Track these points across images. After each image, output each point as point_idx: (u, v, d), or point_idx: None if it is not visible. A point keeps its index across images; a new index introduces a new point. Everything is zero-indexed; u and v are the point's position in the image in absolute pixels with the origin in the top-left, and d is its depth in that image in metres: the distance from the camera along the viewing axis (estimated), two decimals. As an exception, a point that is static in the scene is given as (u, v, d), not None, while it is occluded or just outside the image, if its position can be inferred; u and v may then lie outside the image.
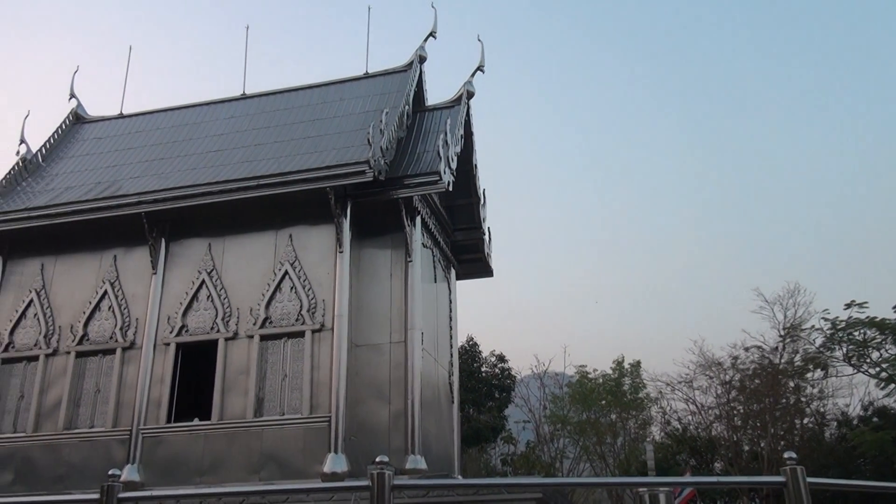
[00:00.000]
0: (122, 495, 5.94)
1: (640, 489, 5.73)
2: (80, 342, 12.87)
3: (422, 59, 15.31)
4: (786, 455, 4.94)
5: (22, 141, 15.83)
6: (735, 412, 27.44)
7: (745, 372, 26.90)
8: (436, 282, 14.32)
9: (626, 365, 31.05)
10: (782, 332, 26.50)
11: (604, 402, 30.59)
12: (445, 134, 12.90)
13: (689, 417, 29.19)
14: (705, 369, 27.76)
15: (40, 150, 16.06)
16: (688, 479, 6.57)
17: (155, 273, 12.86)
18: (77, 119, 17.37)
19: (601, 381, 31.15)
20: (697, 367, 27.93)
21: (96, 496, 6.10)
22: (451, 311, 15.20)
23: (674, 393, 29.04)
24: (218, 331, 12.25)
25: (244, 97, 16.31)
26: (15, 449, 12.44)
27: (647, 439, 28.96)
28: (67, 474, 12.01)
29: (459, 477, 14.15)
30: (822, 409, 26.69)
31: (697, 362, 27.98)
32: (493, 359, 31.64)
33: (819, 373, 25.47)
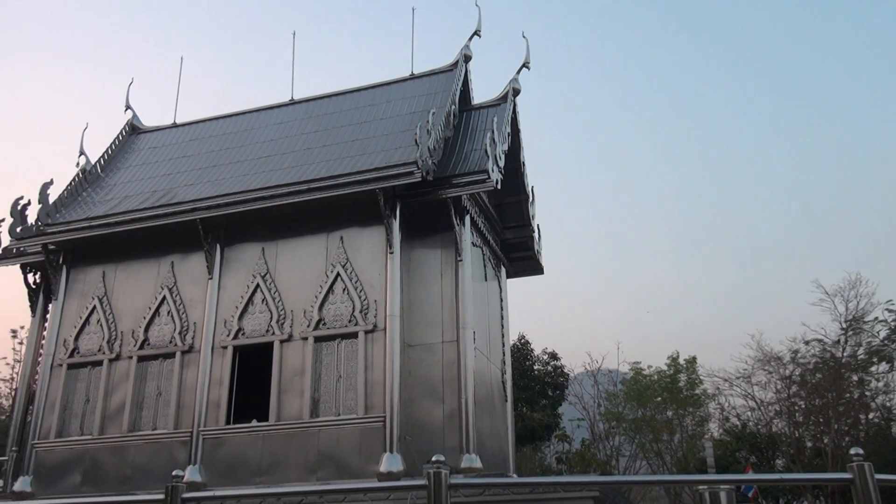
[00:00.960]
0: (185, 495, 6.08)
1: (701, 487, 5.64)
2: (141, 347, 13.22)
3: (467, 58, 15.30)
4: (852, 451, 4.81)
5: (81, 153, 16.32)
6: (796, 408, 26.77)
7: (805, 366, 26.23)
8: (486, 280, 14.31)
9: (681, 361, 30.55)
10: (844, 325, 25.77)
11: (659, 398, 30.16)
12: (492, 132, 12.87)
13: (749, 413, 28.61)
14: (764, 364, 27.16)
15: (99, 160, 16.53)
16: (750, 476, 6.44)
17: (211, 278, 13.13)
18: (133, 130, 17.83)
19: (656, 377, 30.72)
20: (755, 361, 27.36)
21: (161, 496, 6.27)
22: (502, 310, 15.17)
23: (732, 389, 28.51)
24: (273, 333, 12.45)
25: (292, 102, 16.53)
26: (83, 451, 12.84)
27: (706, 436, 28.47)
28: (132, 475, 12.34)
29: (514, 475, 14.11)
30: (888, 404, 25.86)
31: (755, 357, 27.41)
32: (546, 356, 31.47)
33: (884, 366, 24.69)
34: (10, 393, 28.41)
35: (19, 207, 14.42)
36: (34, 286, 15.23)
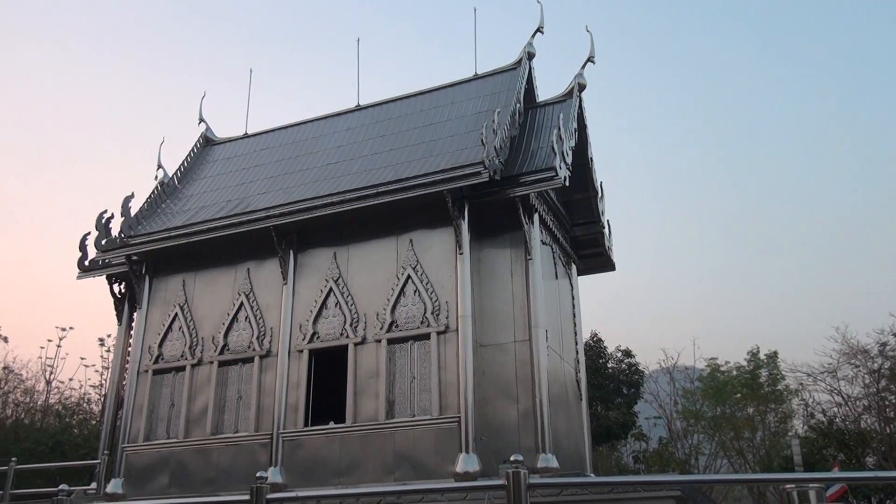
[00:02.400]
0: (270, 496, 6.23)
1: (788, 486, 5.46)
2: (221, 352, 13.61)
3: (530, 56, 15.21)
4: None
5: (159, 166, 16.93)
6: (887, 403, 25.62)
7: (895, 359, 25.08)
8: (557, 278, 14.19)
9: (761, 356, 29.60)
10: (937, 314, 24.50)
11: (739, 395, 29.27)
12: (559, 129, 12.75)
13: (835, 409, 27.50)
14: (850, 357, 26.09)
15: (175, 173, 17.11)
16: (839, 473, 6.20)
17: (285, 283, 13.41)
18: (206, 142, 18.39)
19: (735, 373, 29.83)
20: (841, 355, 26.30)
21: (246, 497, 6.44)
22: (573, 308, 15.02)
23: (816, 384, 27.46)
24: (347, 336, 12.63)
25: (359, 108, 16.75)
26: (169, 453, 13.30)
27: (789, 433, 27.52)
28: (216, 476, 12.71)
29: (591, 475, 13.94)
30: None
31: (841, 350, 26.35)
32: (619, 354, 30.97)
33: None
34: (99, 399, 29.66)
35: (103, 221, 15.06)
36: (119, 296, 15.87)
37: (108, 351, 29.80)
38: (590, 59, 14.87)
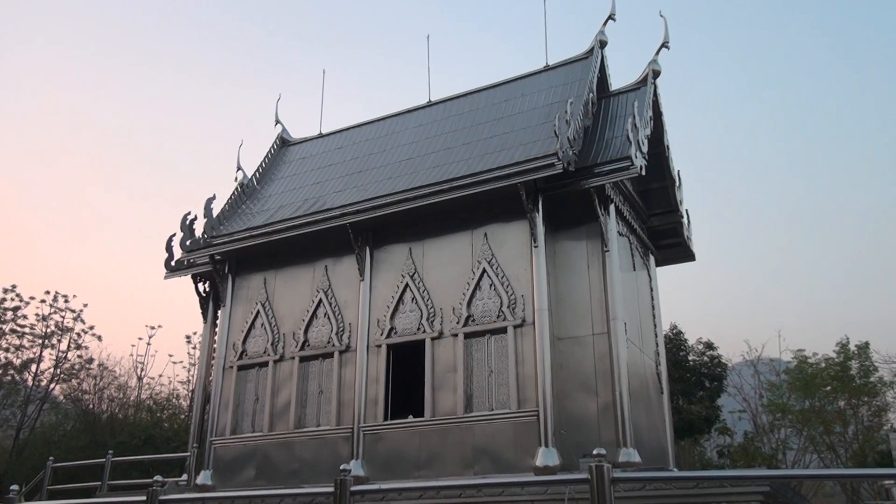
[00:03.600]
0: (353, 488, 6.35)
1: (886, 482, 5.23)
2: (302, 348, 13.91)
3: (602, 44, 14.96)
4: None
5: (238, 168, 17.43)
6: None
7: None
8: (634, 270, 13.94)
9: (851, 347, 28.39)
10: None
11: (828, 388, 28.15)
12: (633, 117, 12.51)
13: (935, 402, 26.14)
14: (950, 347, 24.71)
15: (254, 174, 17.57)
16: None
17: (362, 279, 13.60)
18: (283, 143, 18.82)
19: (823, 365, 28.70)
20: (940, 345, 24.94)
21: (331, 489, 6.57)
22: (652, 300, 14.73)
23: (913, 375, 26.15)
24: (424, 331, 12.72)
25: (430, 104, 16.83)
26: (255, 447, 13.69)
27: (885, 427, 26.31)
28: (300, 469, 13.02)
29: (674, 470, 13.66)
30: None
31: (939, 340, 25.00)
32: (701, 346, 30.20)
33: None
34: (187, 394, 30.79)
35: (188, 222, 15.59)
36: (204, 294, 16.42)
37: (195, 348, 30.93)
38: (664, 45, 14.52)
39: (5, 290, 28.30)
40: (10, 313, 28.11)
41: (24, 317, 28.53)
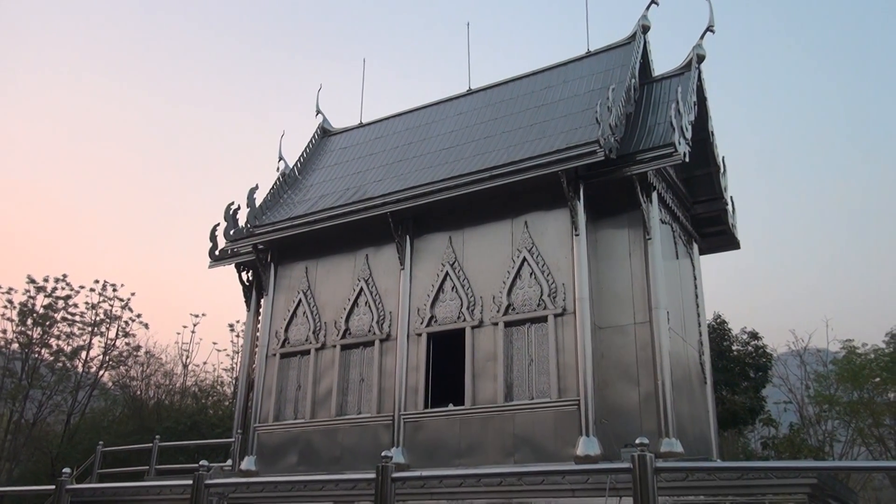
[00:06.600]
0: (395, 475, 6.39)
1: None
2: (343, 336, 14.03)
3: (645, 29, 14.73)
4: None
5: (280, 158, 17.60)
6: None
7: None
8: (677, 258, 13.75)
9: (902, 337, 27.63)
10: None
11: (878, 379, 27.47)
12: (677, 103, 12.30)
13: None
14: None
15: (296, 164, 17.73)
16: None
17: (403, 268, 13.65)
18: (324, 133, 18.93)
19: (873, 356, 28.01)
20: None
21: (373, 476, 6.62)
22: (696, 288, 14.52)
23: (967, 366, 25.38)
24: (464, 320, 12.73)
25: (470, 92, 16.76)
26: (298, 433, 13.87)
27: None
28: (342, 456, 13.16)
29: (718, 460, 13.48)
30: None
31: None
32: (745, 336, 29.68)
33: None
34: (231, 381, 31.32)
35: (231, 212, 15.81)
36: (247, 283, 16.66)
37: (238, 336, 31.41)
38: (709, 29, 14.22)
39: (56, 280, 29.06)
40: (61, 302, 28.86)
41: (75, 305, 29.27)
